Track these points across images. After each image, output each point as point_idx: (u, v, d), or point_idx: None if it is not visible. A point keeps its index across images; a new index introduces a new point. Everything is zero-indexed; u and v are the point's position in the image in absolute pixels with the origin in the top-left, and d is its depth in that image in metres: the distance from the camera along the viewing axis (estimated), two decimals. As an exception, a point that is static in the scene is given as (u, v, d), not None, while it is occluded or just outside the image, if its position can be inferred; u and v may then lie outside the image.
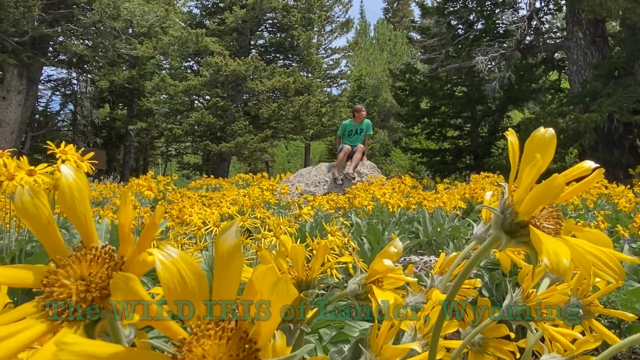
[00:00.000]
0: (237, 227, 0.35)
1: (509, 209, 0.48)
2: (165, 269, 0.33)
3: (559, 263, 0.41)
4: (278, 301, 0.31)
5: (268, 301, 0.32)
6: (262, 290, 0.32)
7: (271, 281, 0.31)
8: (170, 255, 0.34)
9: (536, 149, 0.49)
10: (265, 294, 0.32)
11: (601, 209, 5.79)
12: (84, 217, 0.40)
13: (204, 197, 6.11)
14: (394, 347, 0.61)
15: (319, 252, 0.76)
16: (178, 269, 0.34)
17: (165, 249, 0.34)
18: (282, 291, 0.31)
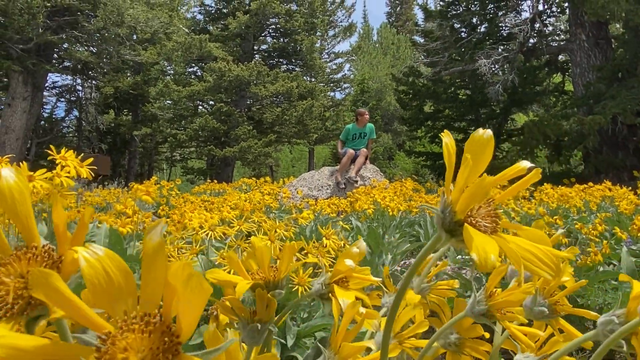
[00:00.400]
0: (162, 227, 0.36)
1: (448, 209, 0.50)
2: (89, 266, 0.35)
3: (487, 259, 0.43)
4: (193, 296, 0.33)
5: (187, 297, 0.33)
6: (177, 286, 0.33)
7: (184, 277, 0.33)
8: (96, 253, 0.36)
9: (475, 149, 0.50)
10: (180, 290, 0.33)
11: (605, 211, 5.77)
12: (25, 218, 0.41)
13: (206, 202, 6.14)
14: (351, 344, 0.62)
15: (285, 252, 0.78)
16: (103, 266, 0.36)
17: (91, 247, 0.36)
18: (196, 287, 0.33)
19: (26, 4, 15.89)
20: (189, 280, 0.33)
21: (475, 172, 0.47)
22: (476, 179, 0.48)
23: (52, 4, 16.33)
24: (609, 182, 8.22)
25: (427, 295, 1.15)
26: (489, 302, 0.76)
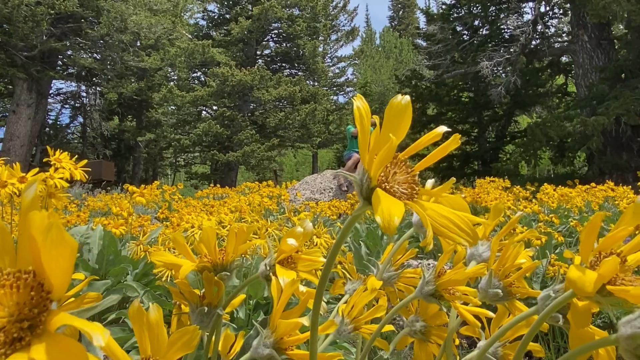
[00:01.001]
0: (36, 185, 0.36)
1: (365, 176, 0.49)
2: (-43, 220, 0.34)
3: (390, 221, 0.42)
4: (54, 249, 0.32)
5: (49, 250, 0.32)
6: (38, 238, 0.32)
7: (44, 228, 0.32)
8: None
9: (393, 115, 0.49)
10: (40, 242, 0.32)
11: (607, 211, 5.73)
12: None
13: (207, 206, 6.15)
14: (286, 321, 0.61)
15: (232, 235, 0.77)
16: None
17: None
18: (56, 238, 0.32)
19: (30, 11, 16.02)
20: (49, 232, 0.32)
21: (388, 137, 0.46)
22: (377, 144, 0.47)
23: (55, 11, 16.45)
24: (611, 183, 8.17)
25: (395, 284, 1.14)
26: (437, 281, 0.75)
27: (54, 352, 0.31)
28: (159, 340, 0.54)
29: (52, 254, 0.32)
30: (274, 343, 0.63)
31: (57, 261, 0.32)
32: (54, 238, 0.32)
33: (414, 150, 0.51)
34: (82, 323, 0.31)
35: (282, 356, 0.63)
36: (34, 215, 0.33)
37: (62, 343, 0.32)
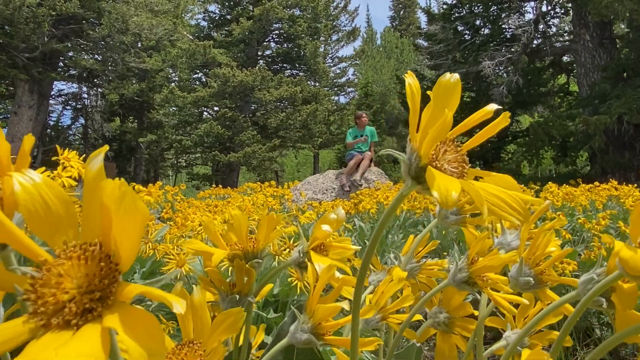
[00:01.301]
0: (103, 154, 0.35)
1: (414, 155, 0.48)
2: (24, 191, 0.34)
3: (448, 196, 0.41)
4: (127, 217, 0.32)
5: (121, 218, 0.32)
6: (111, 206, 0.32)
7: (117, 196, 0.31)
8: (32, 179, 0.35)
9: (441, 94, 0.49)
10: (113, 210, 0.32)
11: (611, 210, 5.72)
12: None
13: (210, 206, 6.14)
14: (325, 306, 0.61)
15: (263, 222, 0.77)
16: (40, 193, 0.34)
17: (27, 173, 0.35)
18: (129, 206, 0.31)
19: (31, 12, 16.02)
20: (122, 200, 0.31)
21: (441, 114, 0.46)
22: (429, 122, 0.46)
23: (57, 13, 16.44)
24: (615, 182, 8.15)
25: (417, 276, 1.14)
26: (470, 268, 0.75)
27: (128, 321, 0.31)
28: (202, 322, 0.54)
29: (124, 223, 0.32)
30: (312, 328, 0.62)
31: (128, 231, 0.32)
32: (127, 206, 0.31)
33: (462, 130, 0.50)
34: (158, 292, 0.30)
35: (319, 342, 0.63)
36: (106, 183, 0.32)
37: (134, 313, 0.31)
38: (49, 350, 0.29)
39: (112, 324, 0.30)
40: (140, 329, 0.30)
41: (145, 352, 0.29)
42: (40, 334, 0.32)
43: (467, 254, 0.77)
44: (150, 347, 0.29)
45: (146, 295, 0.31)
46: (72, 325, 0.32)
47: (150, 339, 0.29)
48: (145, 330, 0.30)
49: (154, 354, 0.29)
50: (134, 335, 0.29)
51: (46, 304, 0.32)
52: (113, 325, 0.30)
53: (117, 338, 0.40)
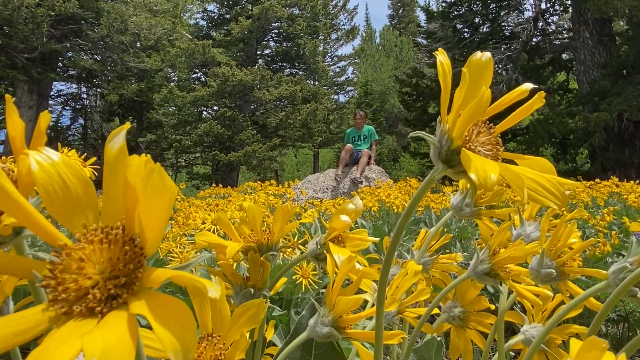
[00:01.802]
0: (125, 132, 0.33)
1: (445, 137, 0.46)
2: (42, 170, 0.31)
3: (487, 178, 0.39)
4: (154, 195, 0.29)
5: (148, 197, 0.30)
6: (137, 185, 0.30)
7: (144, 174, 0.29)
8: (50, 157, 0.32)
9: (473, 72, 0.47)
10: (140, 189, 0.29)
11: (613, 206, 5.70)
12: None
13: (211, 205, 6.11)
14: (346, 298, 0.59)
15: (278, 213, 0.74)
16: (58, 172, 0.32)
17: (44, 151, 0.32)
18: (157, 184, 0.29)
19: (30, 13, 15.99)
20: (150, 177, 0.29)
21: (474, 94, 0.43)
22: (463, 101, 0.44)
23: (56, 13, 16.41)
24: (615, 179, 8.14)
25: (429, 270, 1.12)
26: (492, 259, 0.73)
27: (157, 308, 0.28)
28: (221, 315, 0.51)
29: (150, 202, 0.29)
30: (333, 321, 0.60)
31: (156, 211, 0.30)
32: (155, 184, 0.29)
33: (495, 111, 0.48)
34: (189, 276, 0.28)
35: (341, 335, 0.61)
36: (132, 160, 0.30)
37: (162, 300, 0.29)
38: (73, 338, 0.27)
39: (140, 310, 0.28)
40: (171, 317, 0.27)
41: (177, 342, 0.26)
42: (61, 322, 0.29)
43: (489, 245, 0.75)
44: (182, 336, 0.27)
45: (175, 281, 0.29)
46: (95, 313, 0.29)
47: (182, 327, 0.27)
48: (176, 318, 0.27)
49: (187, 344, 0.27)
50: (165, 323, 0.27)
51: (67, 290, 0.29)
52: (142, 312, 0.28)
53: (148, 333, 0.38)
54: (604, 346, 0.31)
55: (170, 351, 0.26)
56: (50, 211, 0.32)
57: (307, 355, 0.66)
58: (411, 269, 0.90)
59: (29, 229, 0.33)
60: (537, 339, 0.69)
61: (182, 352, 0.26)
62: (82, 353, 0.26)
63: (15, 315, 0.29)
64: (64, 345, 0.26)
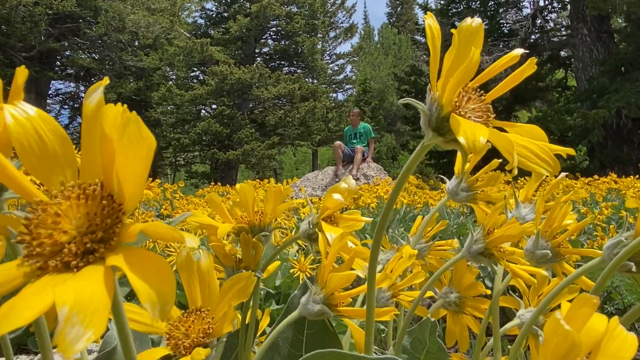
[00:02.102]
0: (103, 87, 0.32)
1: (434, 104, 0.45)
2: (17, 124, 0.31)
3: (475, 141, 0.38)
4: (131, 147, 0.28)
5: (125, 149, 0.29)
6: (113, 136, 0.29)
7: (120, 124, 0.28)
8: (25, 112, 0.31)
9: (463, 39, 0.46)
10: (116, 141, 0.29)
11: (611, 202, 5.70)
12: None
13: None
14: (338, 274, 0.58)
15: (270, 194, 0.73)
16: (34, 126, 0.31)
17: (20, 105, 0.31)
18: (134, 134, 0.28)
19: (28, 12, 15.95)
20: (126, 127, 0.28)
21: (463, 58, 0.43)
22: (453, 66, 0.43)
23: (53, 12, 16.37)
24: (614, 175, 8.14)
25: (425, 257, 1.11)
26: (486, 239, 0.72)
27: (134, 261, 0.27)
28: (210, 289, 0.51)
29: (127, 154, 0.29)
30: (325, 299, 0.59)
31: (133, 163, 0.29)
32: (132, 134, 0.28)
33: (487, 77, 0.47)
34: (164, 227, 0.27)
35: (333, 313, 0.60)
36: (108, 109, 0.29)
37: (140, 254, 0.28)
38: (46, 290, 0.26)
39: (116, 262, 0.27)
40: (149, 269, 0.27)
41: (154, 294, 0.26)
42: (36, 277, 0.28)
43: (483, 225, 0.74)
44: (160, 288, 0.26)
45: (151, 234, 0.28)
46: (71, 268, 0.28)
47: (160, 279, 0.26)
48: (154, 270, 0.27)
49: (165, 296, 0.26)
50: (142, 275, 0.26)
51: (42, 244, 0.29)
52: (118, 264, 0.27)
53: (134, 307, 0.37)
54: (595, 302, 0.30)
55: (146, 302, 0.25)
56: (27, 167, 0.31)
57: (299, 335, 0.65)
58: (406, 252, 0.89)
59: (3, 183, 0.32)
60: (530, 319, 0.68)
61: (160, 303, 0.26)
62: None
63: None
64: (37, 296, 0.26)
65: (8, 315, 0.24)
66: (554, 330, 0.29)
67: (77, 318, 0.24)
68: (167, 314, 0.26)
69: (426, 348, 0.74)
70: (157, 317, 0.25)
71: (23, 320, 0.24)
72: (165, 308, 0.26)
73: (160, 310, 0.26)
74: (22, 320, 0.24)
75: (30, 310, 0.25)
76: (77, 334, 0.23)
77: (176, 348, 0.47)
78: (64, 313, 0.24)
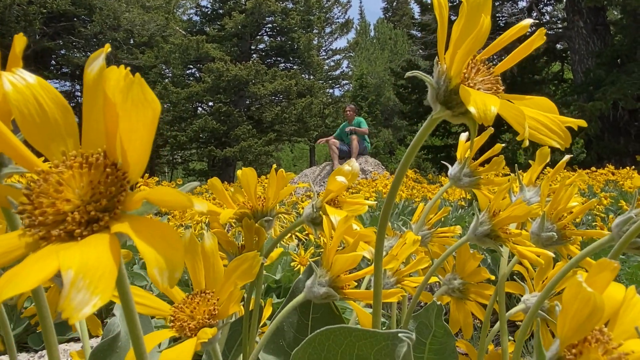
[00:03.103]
0: (104, 54, 0.31)
1: (442, 77, 0.44)
2: (16, 91, 0.30)
3: (487, 110, 0.38)
4: (135, 111, 0.27)
5: (129, 113, 0.28)
6: (116, 100, 0.28)
7: (124, 86, 0.27)
8: (25, 79, 0.30)
9: (472, 7, 0.45)
10: (119, 104, 0.28)
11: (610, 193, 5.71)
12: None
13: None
14: (344, 256, 0.57)
15: (272, 178, 0.72)
16: (34, 94, 0.30)
17: (18, 72, 0.30)
18: (138, 97, 0.27)
19: (22, 11, 15.88)
20: (130, 90, 0.27)
21: (472, 27, 0.41)
22: (461, 36, 0.42)
23: (48, 10, 16.30)
24: (611, 167, 8.15)
25: (428, 244, 1.10)
26: (492, 220, 0.71)
27: (141, 227, 0.26)
28: (214, 270, 0.50)
29: (131, 119, 0.27)
30: (330, 281, 0.58)
31: (137, 128, 0.28)
32: (136, 97, 0.27)
33: (495, 50, 0.46)
34: (174, 193, 0.26)
35: (338, 295, 0.59)
36: (111, 72, 0.28)
37: (147, 221, 0.27)
38: (50, 257, 0.25)
39: (122, 229, 0.26)
40: (156, 236, 0.26)
41: (162, 260, 0.25)
42: (38, 247, 0.27)
43: (488, 207, 0.73)
44: (168, 254, 0.25)
45: (156, 201, 0.27)
46: (75, 237, 0.27)
47: (168, 245, 0.25)
48: (161, 236, 0.26)
49: (173, 262, 0.25)
50: (149, 241, 0.25)
51: (45, 214, 0.28)
52: (124, 230, 0.26)
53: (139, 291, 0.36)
54: (615, 266, 0.29)
55: (154, 268, 0.24)
56: (27, 136, 0.30)
57: (304, 319, 0.65)
58: (409, 238, 0.89)
59: (2, 151, 0.31)
60: (536, 302, 0.68)
61: (168, 269, 0.25)
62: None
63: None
64: (40, 263, 0.25)
65: (11, 281, 0.23)
66: (574, 296, 0.28)
67: (83, 283, 0.23)
68: (175, 280, 0.25)
69: (432, 332, 0.73)
70: (166, 283, 0.24)
71: (27, 285, 0.23)
72: (174, 274, 0.25)
73: (169, 276, 0.25)
74: (26, 285, 0.23)
75: (34, 276, 0.24)
76: (83, 299, 0.22)
77: (181, 330, 0.46)
78: (70, 277, 0.23)
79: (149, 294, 0.48)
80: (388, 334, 0.39)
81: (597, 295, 0.27)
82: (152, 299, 0.48)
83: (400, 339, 0.37)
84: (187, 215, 3.84)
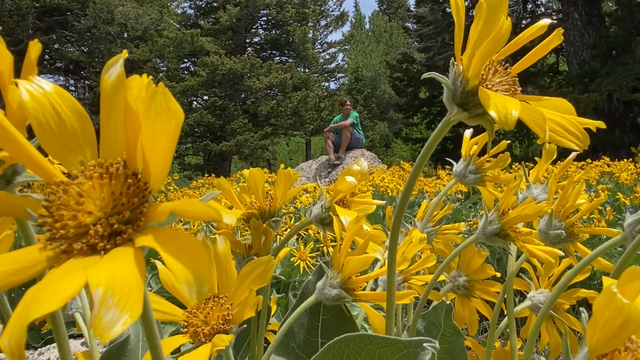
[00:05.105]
0: (122, 60, 0.30)
1: (459, 78, 0.44)
2: (33, 100, 0.29)
3: (508, 114, 0.37)
4: (158, 120, 0.27)
5: (152, 122, 0.27)
6: (139, 109, 0.27)
7: (147, 96, 0.26)
8: (42, 87, 0.30)
9: (490, 6, 0.44)
10: (142, 114, 0.27)
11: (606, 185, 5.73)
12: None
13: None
14: (356, 257, 0.56)
15: (280, 178, 0.72)
16: (51, 103, 0.29)
17: (35, 80, 0.30)
18: (161, 107, 0.26)
19: (15, 5, 15.75)
20: (153, 100, 0.26)
21: (491, 28, 0.41)
22: (480, 36, 0.41)
23: (41, 4, 16.17)
24: (607, 159, 8.17)
25: (432, 241, 1.10)
26: (502, 219, 0.71)
27: (166, 241, 0.26)
28: (227, 274, 0.49)
29: (155, 129, 0.27)
30: (342, 283, 0.58)
31: (160, 138, 0.27)
32: (159, 107, 0.26)
33: (512, 50, 0.46)
34: (201, 206, 0.26)
35: (350, 297, 0.58)
36: (133, 81, 0.27)
37: (171, 234, 0.27)
38: (75, 272, 0.24)
39: (148, 243, 0.26)
40: (183, 250, 0.25)
41: (190, 274, 0.24)
42: (60, 262, 0.27)
43: (497, 206, 0.73)
44: (196, 268, 0.24)
45: (182, 213, 0.27)
46: (98, 250, 0.27)
47: (195, 259, 0.25)
48: (188, 250, 0.25)
49: (201, 276, 0.24)
50: (176, 255, 0.25)
51: (66, 227, 0.27)
52: (149, 244, 0.25)
53: (156, 297, 0.35)
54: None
55: (183, 282, 0.24)
56: (44, 145, 0.30)
57: (314, 321, 0.64)
58: (415, 236, 0.88)
59: (21, 162, 0.30)
60: (547, 303, 0.67)
61: (196, 284, 0.24)
62: (85, 291, 0.23)
63: (8, 253, 0.27)
64: (65, 279, 0.24)
65: (37, 300, 0.22)
66: (605, 305, 0.28)
67: (112, 300, 0.22)
68: (204, 295, 0.24)
69: (441, 331, 0.73)
70: (195, 297, 0.24)
71: (54, 305, 0.22)
72: (202, 289, 0.24)
73: (197, 291, 0.24)
74: (53, 304, 0.22)
75: (60, 293, 0.23)
76: (113, 317, 0.22)
77: (195, 335, 0.46)
78: (99, 295, 0.22)
79: (162, 299, 0.47)
80: (410, 342, 0.38)
81: (631, 306, 0.26)
82: (165, 304, 0.47)
83: (424, 347, 0.37)
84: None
